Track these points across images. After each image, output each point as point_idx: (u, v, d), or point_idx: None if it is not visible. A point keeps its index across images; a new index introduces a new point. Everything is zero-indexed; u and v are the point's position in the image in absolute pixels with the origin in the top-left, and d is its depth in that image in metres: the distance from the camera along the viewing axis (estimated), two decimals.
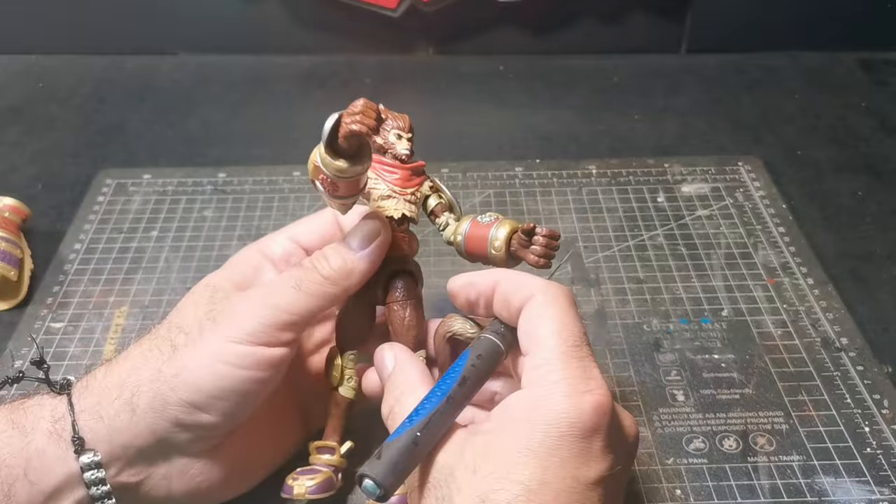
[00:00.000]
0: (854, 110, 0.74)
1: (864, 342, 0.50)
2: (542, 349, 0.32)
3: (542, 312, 0.33)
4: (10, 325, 0.51)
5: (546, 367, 0.32)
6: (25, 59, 0.81)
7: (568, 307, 0.34)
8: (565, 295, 0.34)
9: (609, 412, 0.31)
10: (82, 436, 0.33)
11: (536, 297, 0.34)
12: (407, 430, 0.31)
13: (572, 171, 0.65)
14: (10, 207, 0.57)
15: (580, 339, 0.33)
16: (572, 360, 0.32)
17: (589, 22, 0.80)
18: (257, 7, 0.79)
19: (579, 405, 0.30)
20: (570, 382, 0.31)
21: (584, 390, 0.31)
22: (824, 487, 0.42)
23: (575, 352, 0.32)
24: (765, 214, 0.60)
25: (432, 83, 0.78)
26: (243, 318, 0.34)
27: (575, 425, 0.30)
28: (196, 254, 0.57)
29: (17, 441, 0.33)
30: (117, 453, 0.34)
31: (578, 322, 0.33)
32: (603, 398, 0.31)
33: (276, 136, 0.69)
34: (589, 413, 0.30)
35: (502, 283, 0.35)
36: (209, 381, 0.33)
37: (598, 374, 0.32)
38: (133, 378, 0.34)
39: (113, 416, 0.33)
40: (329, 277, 0.35)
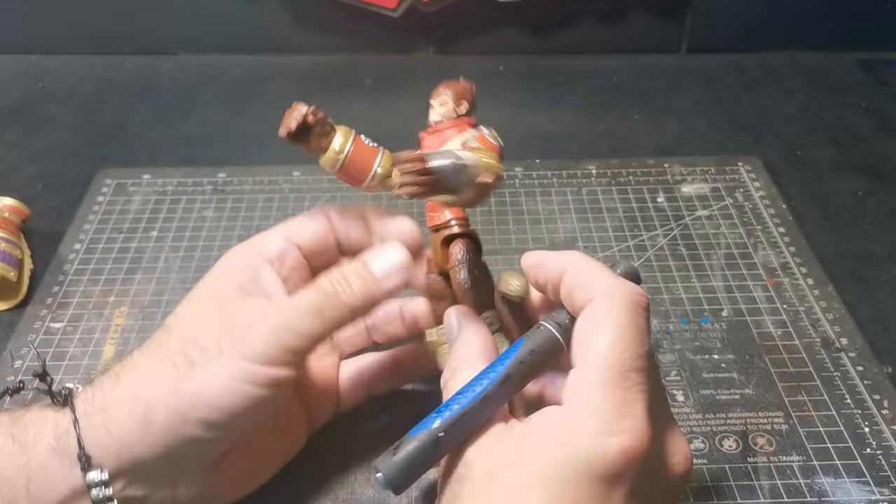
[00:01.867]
0: (854, 110, 0.74)
1: (864, 342, 0.50)
2: (586, 367, 0.29)
3: (599, 323, 0.30)
4: (10, 325, 0.51)
5: (585, 390, 0.29)
6: (25, 59, 0.81)
7: (630, 321, 0.30)
8: (632, 304, 0.30)
9: (640, 458, 0.28)
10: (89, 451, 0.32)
11: (598, 301, 0.30)
12: (431, 427, 0.29)
13: (572, 172, 0.65)
14: (9, 207, 0.57)
15: (633, 364, 0.29)
16: (614, 391, 0.28)
17: (589, 22, 0.80)
18: (257, 7, 0.79)
19: (605, 446, 0.27)
20: (604, 417, 0.28)
21: (616, 429, 0.28)
22: (824, 488, 0.42)
23: (621, 380, 0.29)
24: (765, 214, 0.60)
25: (432, 83, 0.78)
26: (262, 339, 0.33)
27: (595, 467, 0.27)
28: (196, 254, 0.57)
29: (18, 457, 0.32)
30: (125, 469, 0.33)
31: (639, 341, 0.30)
32: (635, 442, 0.28)
33: (276, 136, 0.69)
34: (614, 457, 0.27)
35: (570, 273, 0.32)
36: (228, 400, 0.33)
37: (640, 410, 0.28)
38: (146, 393, 0.33)
39: (123, 431, 0.33)
40: (352, 307, 0.34)
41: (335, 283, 0.34)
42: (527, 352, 0.31)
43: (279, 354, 0.33)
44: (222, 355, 0.33)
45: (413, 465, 0.29)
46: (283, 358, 0.33)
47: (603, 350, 0.29)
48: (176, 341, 0.34)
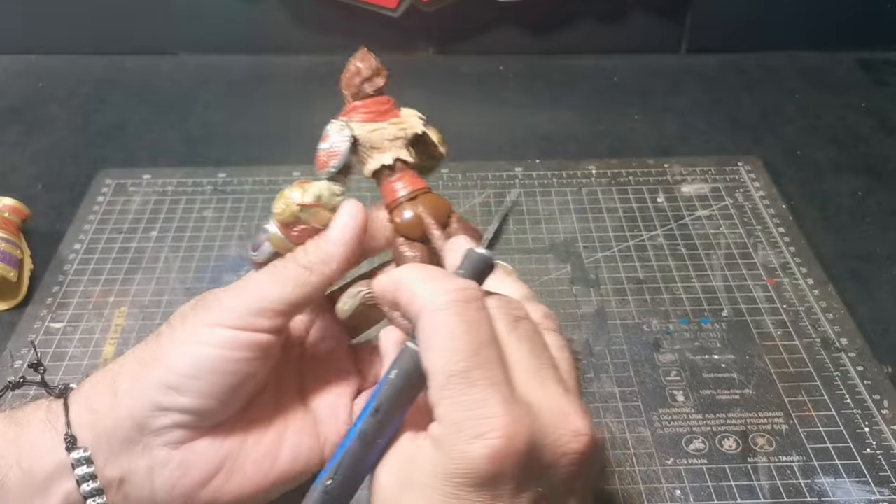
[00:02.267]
0: (854, 110, 0.74)
1: (864, 342, 0.50)
2: (433, 384, 0.28)
3: (428, 340, 0.29)
4: (10, 325, 0.51)
5: (440, 406, 0.28)
6: (25, 59, 0.81)
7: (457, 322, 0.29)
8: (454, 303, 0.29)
9: (511, 454, 0.27)
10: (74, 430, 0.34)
11: (422, 315, 0.29)
12: (321, 478, 0.29)
13: (572, 172, 0.65)
14: (9, 207, 0.57)
15: (471, 364, 0.28)
16: (460, 398, 0.27)
17: (589, 22, 0.80)
18: (257, 7, 0.79)
19: (471, 455, 0.27)
20: (459, 428, 0.27)
21: (475, 434, 0.27)
22: (824, 488, 0.42)
23: (463, 385, 0.28)
24: (765, 214, 0.60)
25: (432, 83, 0.78)
26: (220, 304, 0.35)
27: (469, 476, 0.27)
28: (196, 254, 0.57)
29: (12, 432, 0.34)
30: (101, 442, 0.34)
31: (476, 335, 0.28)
32: (498, 441, 0.26)
33: (276, 136, 0.69)
34: (482, 463, 0.27)
35: (399, 292, 0.31)
36: (182, 361, 0.34)
37: (495, 405, 0.27)
38: (117, 366, 0.35)
39: (98, 402, 0.34)
40: (306, 266, 0.35)
41: (294, 252, 0.36)
42: (392, 376, 0.30)
43: (237, 315, 0.34)
44: (184, 323, 0.35)
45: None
46: (243, 320, 0.34)
47: (439, 364, 0.28)
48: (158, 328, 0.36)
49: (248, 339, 0.34)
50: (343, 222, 0.36)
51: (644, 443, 0.44)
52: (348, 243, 0.36)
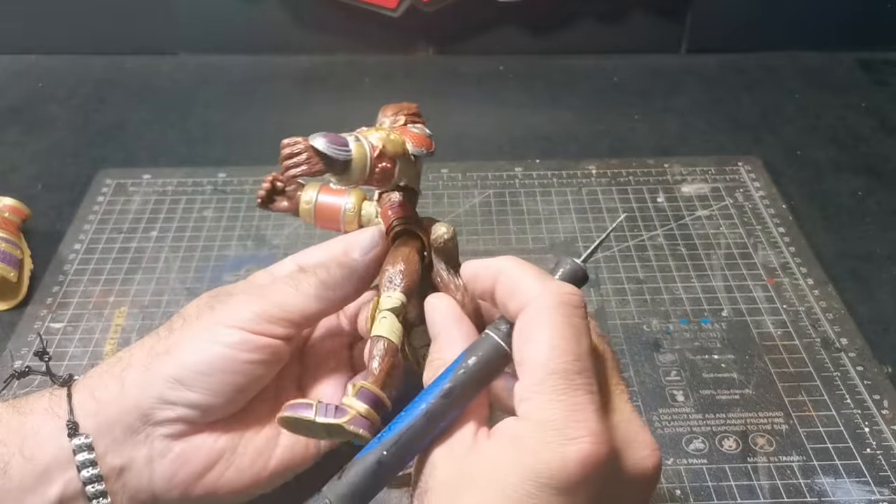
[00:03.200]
0: (854, 110, 0.74)
1: (864, 342, 0.50)
2: (529, 378, 0.28)
3: (533, 330, 0.29)
4: (10, 325, 0.51)
5: (531, 402, 0.28)
6: (25, 59, 0.81)
7: (564, 323, 0.29)
8: (564, 306, 0.29)
9: (600, 463, 0.27)
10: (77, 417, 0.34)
11: (529, 309, 0.29)
12: (374, 448, 0.29)
13: (572, 171, 0.65)
14: (9, 208, 0.57)
15: (574, 367, 0.28)
16: (561, 397, 0.28)
17: (589, 22, 0.80)
18: (257, 7, 0.79)
19: (563, 456, 0.27)
20: (556, 426, 0.27)
21: (571, 437, 0.27)
22: (824, 488, 0.42)
23: (565, 386, 0.28)
24: (765, 214, 0.60)
25: (432, 83, 0.78)
26: (237, 306, 0.36)
27: (555, 479, 0.27)
28: (196, 254, 0.57)
29: (15, 421, 0.34)
30: (104, 429, 0.34)
31: (576, 342, 0.29)
32: (592, 447, 0.27)
33: (276, 136, 0.69)
34: (573, 466, 0.27)
35: (501, 281, 0.32)
36: (194, 357, 0.34)
37: (591, 413, 0.28)
38: (126, 357, 0.36)
39: (102, 390, 0.35)
40: (326, 282, 0.36)
41: (315, 267, 0.37)
42: (468, 362, 0.30)
43: (254, 319, 0.35)
44: (199, 319, 0.36)
45: (360, 488, 0.28)
46: (258, 325, 0.35)
47: (540, 358, 0.28)
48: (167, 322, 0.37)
49: (261, 343, 0.35)
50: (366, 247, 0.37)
51: None
52: (369, 267, 0.37)
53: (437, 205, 0.61)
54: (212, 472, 0.36)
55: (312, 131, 0.37)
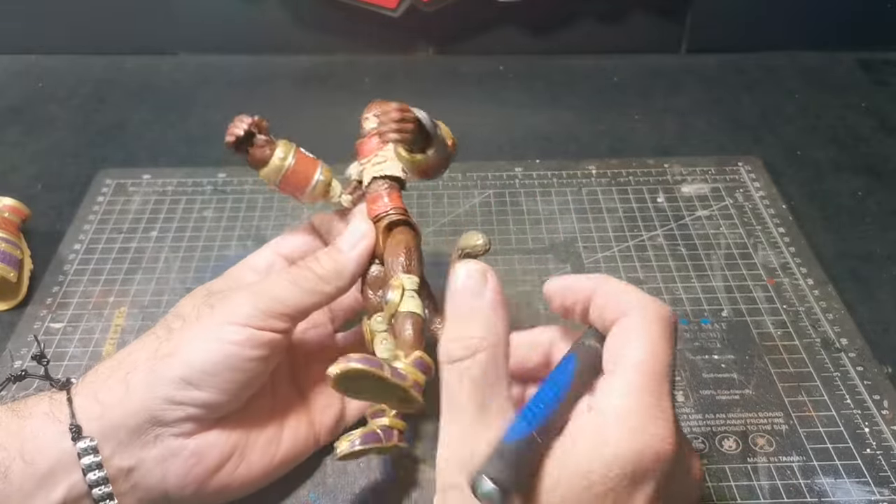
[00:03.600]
0: (854, 110, 0.74)
1: (864, 343, 0.50)
2: (622, 375, 0.31)
3: (634, 335, 0.31)
4: (10, 325, 0.51)
5: (621, 395, 0.30)
6: (25, 59, 0.81)
7: (663, 334, 0.31)
8: (664, 319, 0.32)
9: (669, 461, 0.29)
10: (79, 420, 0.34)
11: (632, 316, 0.32)
12: (527, 431, 0.29)
13: (572, 172, 0.65)
14: (9, 208, 0.57)
15: (665, 375, 0.31)
16: (649, 395, 0.30)
17: (589, 22, 0.80)
18: (257, 7, 0.79)
19: (641, 446, 0.29)
20: (640, 418, 0.29)
21: (651, 431, 0.29)
22: (824, 488, 0.42)
23: (655, 387, 0.30)
24: (765, 215, 0.60)
25: (432, 83, 0.78)
26: (238, 304, 0.36)
27: (629, 465, 0.29)
28: (196, 254, 0.57)
29: (14, 424, 0.34)
30: (109, 433, 0.34)
31: (669, 353, 0.31)
32: (666, 445, 0.29)
33: (276, 136, 0.69)
34: (648, 456, 0.29)
35: (599, 293, 0.34)
36: (200, 357, 0.35)
37: (671, 416, 0.30)
38: (129, 359, 0.36)
39: (106, 394, 0.35)
40: (322, 276, 0.37)
41: (309, 261, 0.38)
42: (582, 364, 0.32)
43: (255, 315, 0.36)
44: (200, 320, 0.36)
45: (520, 468, 0.29)
46: (259, 320, 0.36)
47: (638, 357, 0.30)
48: (161, 322, 0.38)
49: (265, 339, 0.36)
50: (356, 240, 0.38)
51: None
52: (360, 259, 0.38)
53: (437, 205, 0.61)
54: (226, 468, 0.37)
55: (312, 131, 0.37)
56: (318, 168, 0.40)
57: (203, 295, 0.38)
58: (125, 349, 0.37)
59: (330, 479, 0.42)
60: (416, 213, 0.60)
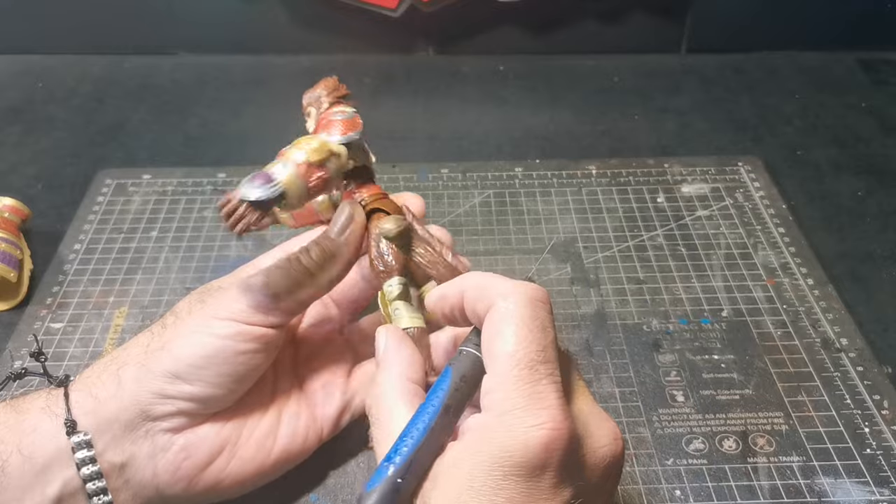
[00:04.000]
0: (854, 110, 0.74)
1: (864, 343, 0.50)
2: (494, 371, 0.30)
3: (499, 326, 0.30)
4: (10, 325, 0.51)
5: (496, 393, 0.29)
6: (25, 59, 0.81)
7: (530, 316, 0.30)
8: (529, 301, 0.31)
9: (562, 447, 0.28)
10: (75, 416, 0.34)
11: (497, 305, 0.31)
12: (387, 475, 0.29)
13: (572, 172, 0.65)
14: (9, 208, 0.57)
15: (539, 357, 0.29)
16: (525, 385, 0.29)
17: (589, 22, 0.80)
18: (257, 7, 0.79)
19: (525, 441, 0.28)
20: (518, 414, 0.28)
21: (532, 424, 0.28)
22: (824, 488, 0.42)
23: (529, 375, 0.29)
24: (765, 215, 0.60)
25: (432, 83, 0.78)
26: (229, 299, 0.36)
27: (519, 463, 0.28)
28: (196, 254, 0.57)
29: (13, 419, 0.35)
30: (103, 427, 0.35)
31: (542, 333, 0.30)
32: (553, 432, 0.28)
33: (276, 136, 0.69)
34: (536, 450, 0.28)
35: (467, 291, 0.33)
36: (189, 351, 0.35)
37: (554, 400, 0.29)
38: (123, 354, 0.36)
39: (100, 388, 0.35)
40: (309, 265, 0.37)
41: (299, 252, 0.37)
42: (458, 378, 0.31)
43: (242, 309, 0.36)
44: (192, 314, 0.36)
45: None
46: (250, 314, 0.36)
47: (507, 349, 0.30)
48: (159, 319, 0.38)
49: (256, 333, 0.36)
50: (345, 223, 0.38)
51: (644, 443, 0.44)
52: (352, 244, 0.38)
53: (437, 205, 0.61)
54: (216, 463, 0.37)
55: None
56: None
57: (199, 291, 0.38)
58: (123, 346, 0.37)
59: (330, 479, 0.42)
60: None
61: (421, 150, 0.67)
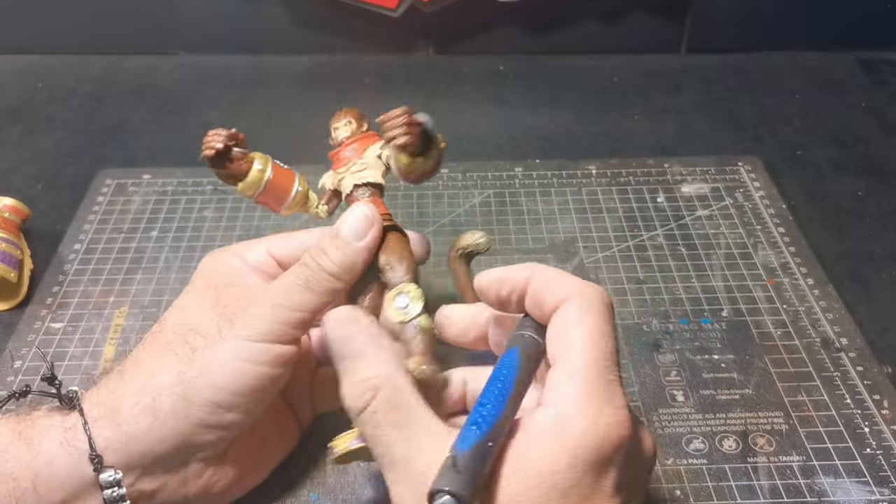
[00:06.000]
0: (854, 110, 0.74)
1: (864, 342, 0.50)
2: (571, 363, 0.30)
3: (578, 320, 0.31)
4: (10, 325, 0.51)
5: (571, 385, 0.30)
6: (25, 59, 0.81)
7: (606, 318, 0.31)
8: (604, 303, 0.32)
9: (626, 445, 0.29)
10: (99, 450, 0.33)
11: (573, 302, 0.31)
12: (477, 438, 0.28)
13: (572, 172, 0.65)
14: (9, 207, 0.57)
15: (612, 359, 0.30)
16: (600, 382, 0.30)
17: (589, 22, 0.80)
18: (257, 7, 0.79)
19: (601, 434, 0.29)
20: (596, 407, 0.29)
21: (608, 419, 0.29)
22: (824, 488, 0.42)
23: (605, 373, 0.30)
24: (765, 214, 0.60)
25: (432, 83, 0.78)
26: (260, 317, 0.35)
27: (591, 455, 0.28)
28: (196, 254, 0.57)
29: (25, 453, 0.33)
30: (135, 462, 0.33)
31: (613, 337, 0.31)
32: (623, 430, 0.29)
33: (276, 136, 0.69)
34: (608, 446, 0.29)
35: (536, 280, 0.33)
36: (231, 380, 0.34)
37: (623, 400, 0.30)
38: (152, 383, 0.34)
39: (131, 423, 0.33)
40: (334, 274, 0.36)
41: (315, 257, 0.36)
42: (525, 356, 0.32)
43: (279, 329, 0.34)
44: (223, 338, 0.34)
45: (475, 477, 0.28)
46: (283, 333, 0.35)
47: (587, 344, 0.30)
48: (172, 333, 0.36)
49: (285, 352, 0.35)
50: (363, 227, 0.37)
51: None
52: (370, 250, 0.37)
53: (437, 205, 0.61)
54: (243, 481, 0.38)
55: (312, 131, 0.37)
56: (295, 179, 0.40)
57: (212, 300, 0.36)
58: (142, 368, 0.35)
59: (330, 479, 0.42)
60: (416, 213, 0.60)
61: None
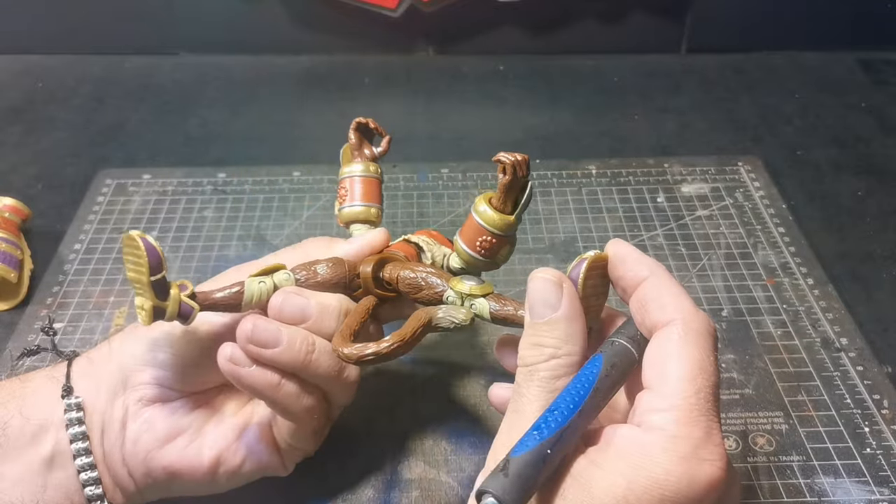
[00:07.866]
0: (854, 110, 0.74)
1: (864, 342, 0.50)
2: (667, 392, 0.28)
3: (680, 348, 0.29)
4: (10, 325, 0.51)
5: (667, 414, 0.28)
6: (25, 59, 0.81)
7: (710, 350, 0.29)
8: (710, 334, 0.30)
9: (721, 490, 0.27)
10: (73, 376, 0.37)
11: (676, 326, 0.30)
12: (536, 444, 0.27)
13: (572, 171, 0.65)
14: (10, 207, 0.57)
15: (713, 394, 0.28)
16: (699, 418, 0.28)
17: (589, 22, 0.80)
18: (257, 7, 0.79)
19: (693, 474, 0.27)
20: (691, 443, 0.27)
21: (705, 458, 0.27)
22: (824, 488, 0.42)
23: (704, 407, 0.28)
24: (765, 214, 0.60)
25: (432, 83, 0.78)
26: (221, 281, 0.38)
27: (681, 494, 0.27)
28: (196, 254, 0.57)
29: (18, 387, 0.37)
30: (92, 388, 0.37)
31: (716, 371, 0.29)
32: (720, 472, 0.27)
33: (276, 136, 0.69)
34: (702, 486, 0.27)
35: (649, 285, 0.31)
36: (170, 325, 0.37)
37: (720, 440, 0.28)
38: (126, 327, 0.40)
39: (96, 352, 0.39)
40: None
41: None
42: (609, 366, 0.30)
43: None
44: None
45: (526, 485, 0.27)
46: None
47: (688, 375, 0.28)
48: None
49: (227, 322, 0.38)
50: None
51: None
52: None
53: (437, 205, 0.61)
54: (174, 444, 0.37)
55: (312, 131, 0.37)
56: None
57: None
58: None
59: (330, 478, 0.42)
60: (415, 213, 0.60)
61: (421, 150, 0.67)
